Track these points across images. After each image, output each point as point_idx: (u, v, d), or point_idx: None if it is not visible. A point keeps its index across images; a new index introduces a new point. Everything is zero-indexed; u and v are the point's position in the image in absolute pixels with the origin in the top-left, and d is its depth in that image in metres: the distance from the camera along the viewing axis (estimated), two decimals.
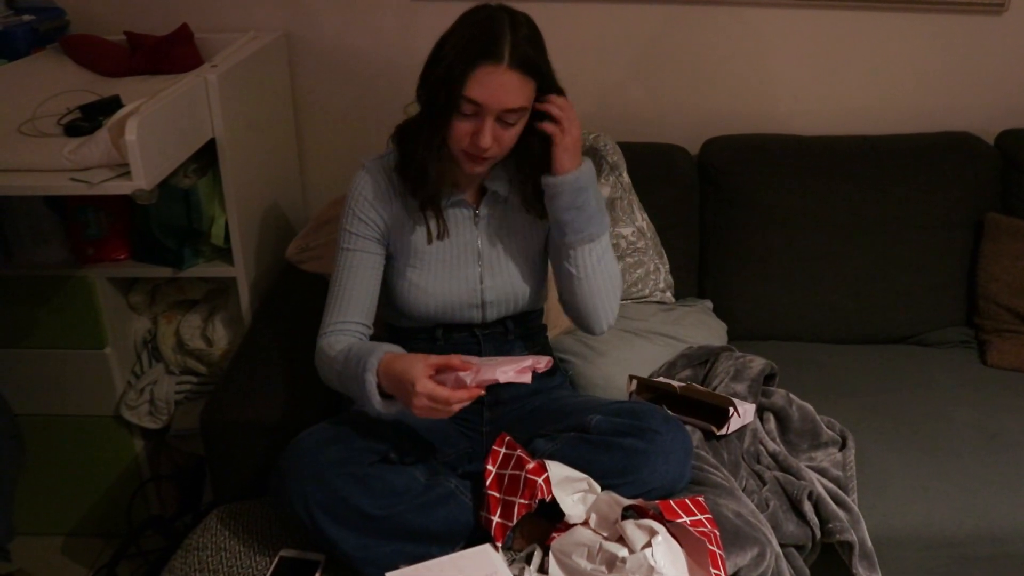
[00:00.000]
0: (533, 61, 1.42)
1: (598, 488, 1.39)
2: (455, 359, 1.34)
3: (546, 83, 1.47)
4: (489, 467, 1.42)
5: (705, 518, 1.35)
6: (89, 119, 1.70)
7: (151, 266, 2.01)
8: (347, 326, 1.56)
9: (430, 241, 1.59)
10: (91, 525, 2.25)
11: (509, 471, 1.40)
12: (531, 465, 1.37)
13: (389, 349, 1.43)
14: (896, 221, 2.15)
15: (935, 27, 2.27)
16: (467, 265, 1.61)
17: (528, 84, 1.42)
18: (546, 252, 1.68)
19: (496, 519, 1.37)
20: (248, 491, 1.65)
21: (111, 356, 2.05)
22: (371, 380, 1.38)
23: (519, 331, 1.70)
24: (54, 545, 2.26)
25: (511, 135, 1.46)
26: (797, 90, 2.35)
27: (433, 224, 1.59)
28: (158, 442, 2.22)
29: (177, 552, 1.50)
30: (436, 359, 1.34)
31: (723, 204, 2.20)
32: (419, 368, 1.32)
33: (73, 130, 1.67)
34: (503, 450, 1.45)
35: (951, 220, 2.17)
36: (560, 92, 1.50)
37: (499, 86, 1.39)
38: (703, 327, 2.08)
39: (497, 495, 1.39)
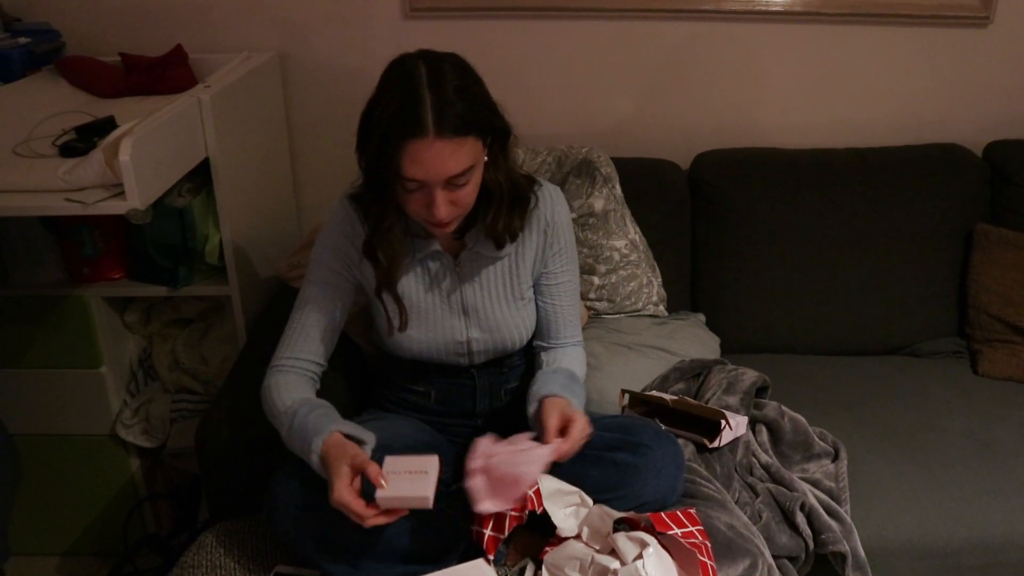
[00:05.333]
0: (464, 120, 1.31)
1: (590, 502, 1.40)
2: (372, 469, 1.28)
3: (488, 127, 1.38)
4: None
5: (696, 530, 1.36)
6: (84, 140, 1.71)
7: (146, 285, 2.02)
8: (298, 363, 1.52)
9: (390, 333, 1.55)
10: (87, 544, 2.25)
11: None
12: None
13: (334, 428, 1.37)
14: (886, 233, 2.17)
15: (922, 40, 2.30)
16: (452, 316, 1.57)
17: (465, 143, 1.32)
18: (532, 291, 1.63)
19: (488, 532, 1.37)
20: (243, 509, 1.65)
21: (106, 375, 2.06)
22: (316, 464, 1.34)
23: (512, 362, 1.69)
24: (50, 565, 2.25)
25: (467, 193, 1.38)
26: (786, 104, 2.38)
27: (394, 312, 1.54)
28: (154, 461, 2.22)
29: (172, 571, 1.50)
30: (360, 462, 1.30)
31: (714, 218, 2.22)
32: (343, 471, 1.29)
33: (68, 151, 1.69)
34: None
35: (941, 231, 2.18)
36: (507, 129, 1.41)
37: (433, 159, 1.30)
38: (696, 340, 2.09)
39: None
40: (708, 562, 1.33)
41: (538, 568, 1.36)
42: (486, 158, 1.41)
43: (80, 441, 2.12)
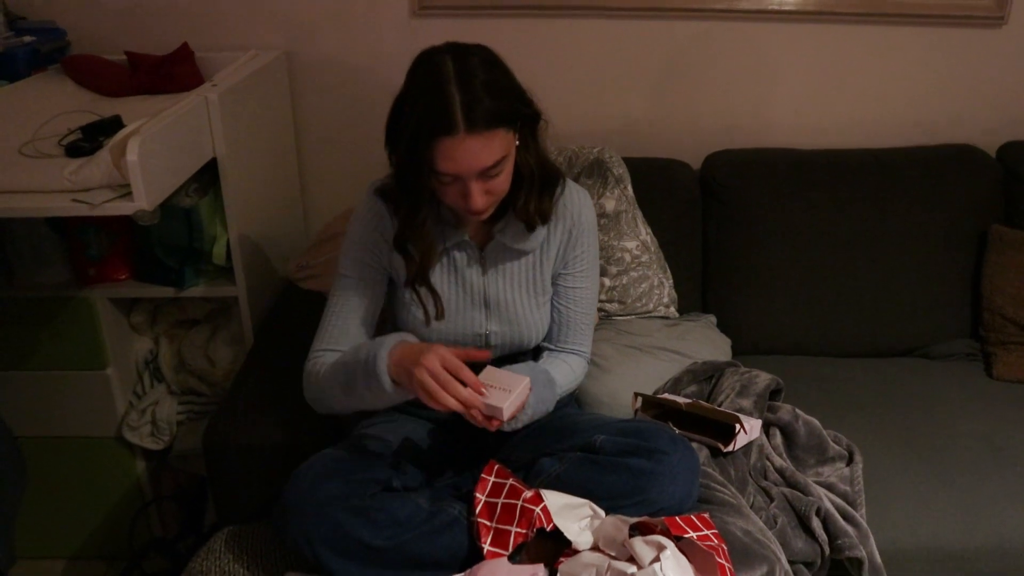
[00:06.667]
0: (495, 114, 1.31)
1: (602, 513, 1.37)
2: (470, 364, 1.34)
3: (518, 117, 1.38)
4: (478, 495, 1.41)
5: (712, 533, 1.34)
6: (90, 140, 1.69)
7: (152, 286, 2.00)
8: (333, 356, 1.52)
9: (428, 323, 1.54)
10: (92, 548, 2.23)
11: (502, 500, 1.38)
12: (528, 494, 1.36)
13: (406, 338, 1.41)
14: (900, 234, 2.15)
15: (936, 40, 2.28)
16: (473, 308, 1.58)
17: (496, 135, 1.33)
18: (551, 288, 1.63)
19: (487, 547, 1.35)
20: (252, 513, 1.64)
21: (112, 377, 2.04)
22: (383, 356, 1.34)
23: (526, 359, 1.67)
24: (55, 569, 2.24)
25: (502, 180, 1.40)
26: (798, 104, 2.36)
27: (429, 303, 1.54)
28: (160, 463, 2.21)
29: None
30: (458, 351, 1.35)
31: (725, 219, 2.20)
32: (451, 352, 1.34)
33: (74, 151, 1.67)
34: (492, 478, 1.43)
35: (955, 233, 2.16)
36: (536, 114, 1.42)
37: (464, 154, 1.31)
38: (707, 342, 2.07)
39: (488, 523, 1.37)
40: (726, 564, 1.31)
41: None
42: (517, 142, 1.41)
43: (85, 443, 2.11)
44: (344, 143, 2.41)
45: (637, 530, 1.34)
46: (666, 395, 1.80)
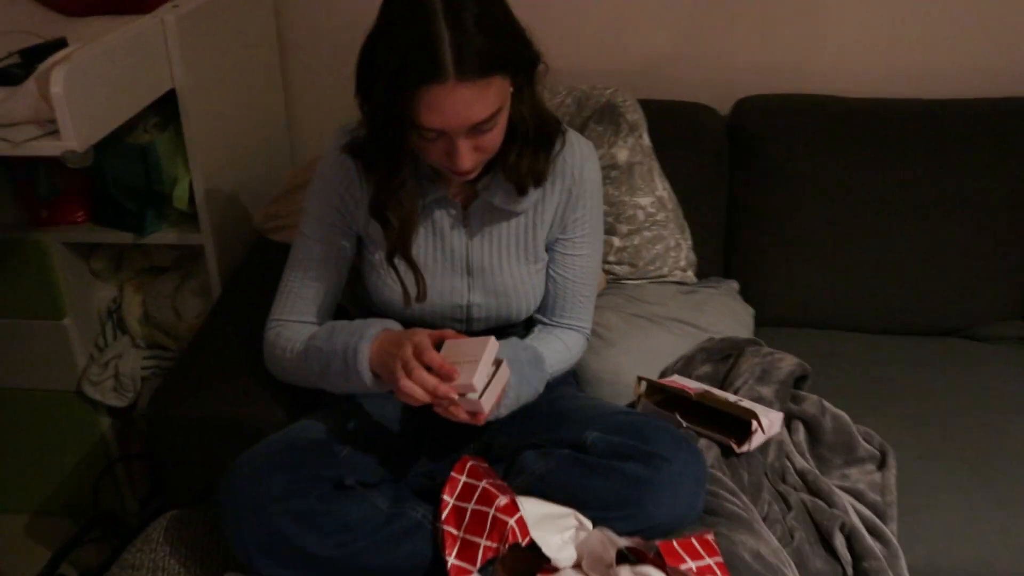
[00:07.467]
0: (489, 57, 1.12)
1: (589, 524, 1.19)
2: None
3: (516, 61, 1.18)
4: (446, 498, 1.23)
5: (715, 562, 1.15)
6: (27, 65, 1.48)
7: (111, 230, 1.82)
8: (296, 327, 1.40)
9: (407, 304, 1.37)
10: (57, 504, 2.10)
11: (472, 505, 1.20)
12: (502, 501, 1.17)
13: (389, 325, 1.29)
14: (951, 198, 1.91)
15: None
16: (453, 275, 1.39)
17: (491, 84, 1.13)
18: (545, 254, 1.45)
19: (452, 560, 1.17)
20: (200, 495, 1.47)
21: (70, 327, 1.88)
22: (364, 351, 1.23)
23: (515, 333, 1.49)
24: (17, 524, 2.12)
25: (494, 136, 1.20)
26: (843, 45, 2.10)
27: (410, 281, 1.36)
28: (127, 419, 2.05)
29: (112, 569, 1.33)
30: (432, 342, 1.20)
31: (755, 173, 1.98)
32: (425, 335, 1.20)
33: (6, 77, 1.46)
34: (463, 478, 1.25)
35: (1015, 199, 1.91)
36: (536, 58, 1.21)
37: (454, 106, 1.12)
38: (727, 312, 1.86)
39: (455, 532, 1.19)
40: None
41: None
42: (511, 90, 1.21)
43: (44, 397, 1.96)
44: (341, 67, 2.13)
45: (628, 554, 1.15)
46: (675, 379, 1.59)
